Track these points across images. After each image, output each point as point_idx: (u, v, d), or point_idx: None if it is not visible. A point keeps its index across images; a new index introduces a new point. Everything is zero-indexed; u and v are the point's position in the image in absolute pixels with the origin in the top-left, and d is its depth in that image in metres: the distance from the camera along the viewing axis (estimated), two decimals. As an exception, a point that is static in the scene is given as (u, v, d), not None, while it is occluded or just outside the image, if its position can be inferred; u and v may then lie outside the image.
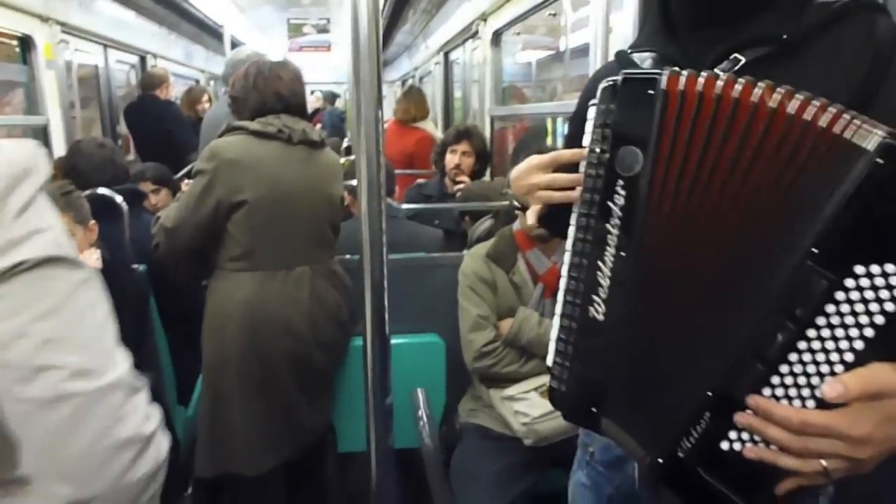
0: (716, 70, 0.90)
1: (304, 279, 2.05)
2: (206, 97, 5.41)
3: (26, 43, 3.76)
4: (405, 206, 2.52)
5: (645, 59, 1.01)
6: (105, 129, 5.34)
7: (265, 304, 2.00)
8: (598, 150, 0.88)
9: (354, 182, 1.41)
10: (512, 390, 2.02)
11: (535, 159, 1.03)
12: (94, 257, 2.01)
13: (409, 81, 9.44)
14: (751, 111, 0.77)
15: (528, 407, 1.98)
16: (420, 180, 3.85)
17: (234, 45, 8.56)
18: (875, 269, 0.70)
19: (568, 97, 4.34)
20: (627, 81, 0.86)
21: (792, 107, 0.75)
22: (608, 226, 0.87)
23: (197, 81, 8.80)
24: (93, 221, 2.10)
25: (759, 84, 0.78)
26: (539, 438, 1.97)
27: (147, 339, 2.28)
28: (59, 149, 3.96)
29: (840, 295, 0.71)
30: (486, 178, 3.79)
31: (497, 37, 4.16)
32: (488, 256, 2.12)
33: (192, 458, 2.75)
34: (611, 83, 0.87)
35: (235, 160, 1.94)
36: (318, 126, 9.39)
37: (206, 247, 2.04)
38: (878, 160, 0.69)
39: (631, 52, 1.04)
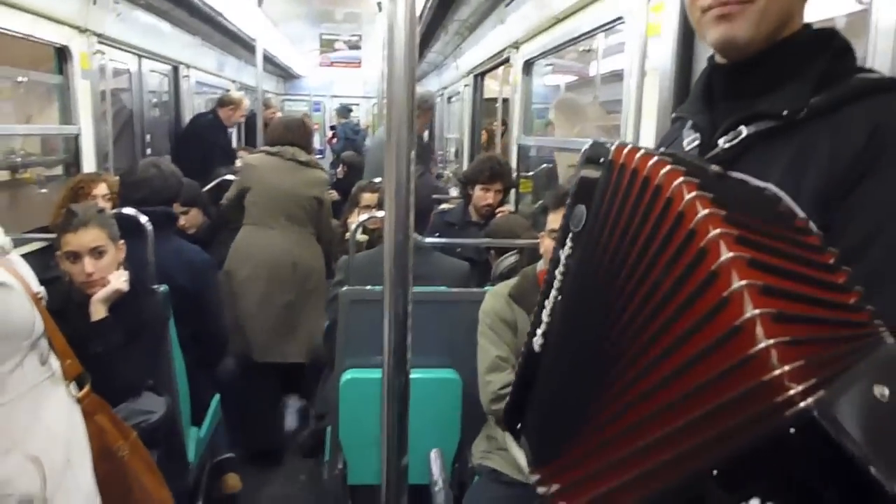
0: (721, 140, 0.95)
1: (281, 234, 3.50)
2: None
3: (62, 53, 3.80)
4: (429, 239, 2.50)
5: (684, 123, 1.09)
6: (136, 137, 5.39)
7: (254, 246, 3.47)
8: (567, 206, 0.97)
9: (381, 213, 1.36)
10: (528, 435, 1.98)
11: None
12: (122, 279, 2.04)
13: (439, 101, 9.46)
14: (665, 201, 0.73)
15: (543, 454, 1.94)
16: (443, 206, 3.83)
17: (267, 57, 8.66)
18: None
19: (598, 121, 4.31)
20: (589, 149, 0.93)
21: (703, 224, 0.67)
22: (556, 272, 0.96)
23: (227, 91, 8.89)
24: (122, 241, 2.14)
25: (689, 178, 0.72)
26: (553, 487, 1.92)
27: (164, 360, 2.28)
28: (90, 157, 4.00)
29: None
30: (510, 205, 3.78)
31: (528, 66, 4.14)
32: (510, 296, 2.09)
33: (202, 477, 2.75)
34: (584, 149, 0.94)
35: (251, 164, 3.67)
36: (335, 140, 9.48)
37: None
38: (792, 430, 0.57)
39: (675, 116, 1.11)
